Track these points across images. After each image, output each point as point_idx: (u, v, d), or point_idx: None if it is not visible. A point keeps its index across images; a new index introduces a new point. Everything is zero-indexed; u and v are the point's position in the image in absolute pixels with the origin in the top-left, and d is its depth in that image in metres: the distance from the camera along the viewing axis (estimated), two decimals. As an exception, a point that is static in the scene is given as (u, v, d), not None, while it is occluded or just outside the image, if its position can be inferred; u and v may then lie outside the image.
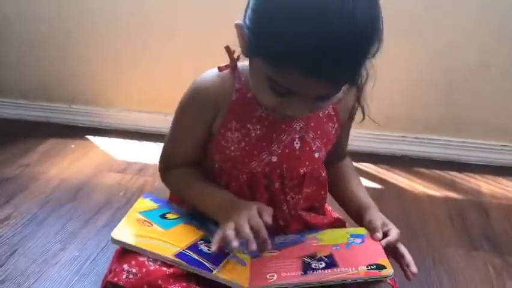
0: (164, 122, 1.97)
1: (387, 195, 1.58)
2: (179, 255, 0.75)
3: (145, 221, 0.83)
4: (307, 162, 0.86)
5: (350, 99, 0.85)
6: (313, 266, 0.77)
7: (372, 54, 0.68)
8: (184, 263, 0.74)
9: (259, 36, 0.67)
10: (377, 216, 0.86)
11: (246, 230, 0.74)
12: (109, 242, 1.23)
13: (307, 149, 0.85)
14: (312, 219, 0.91)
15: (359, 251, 0.81)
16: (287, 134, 0.83)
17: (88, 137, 1.95)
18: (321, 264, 0.77)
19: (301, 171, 0.86)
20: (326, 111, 0.86)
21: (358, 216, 0.89)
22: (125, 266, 0.73)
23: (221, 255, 0.78)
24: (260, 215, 0.77)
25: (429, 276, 1.18)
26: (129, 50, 1.94)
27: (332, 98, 0.73)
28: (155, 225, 0.82)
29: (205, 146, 0.87)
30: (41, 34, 1.98)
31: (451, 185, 1.66)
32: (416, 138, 1.85)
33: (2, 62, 2.06)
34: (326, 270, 0.76)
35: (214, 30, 0.81)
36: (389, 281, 0.78)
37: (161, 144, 0.92)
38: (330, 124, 0.87)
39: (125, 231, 0.78)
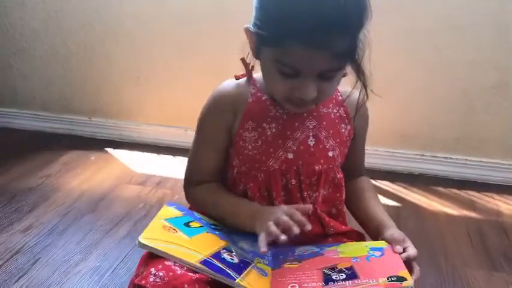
0: (183, 136, 2.01)
1: (405, 213, 1.57)
2: (204, 262, 0.76)
3: (170, 227, 0.84)
4: (322, 160, 0.88)
5: (355, 97, 0.88)
6: (334, 277, 0.78)
7: (364, 25, 0.74)
8: (208, 269, 0.75)
9: (263, 25, 0.75)
10: (398, 232, 0.88)
11: (284, 217, 0.78)
12: (130, 254, 1.26)
13: (321, 146, 0.88)
14: (329, 221, 0.91)
15: (378, 263, 0.81)
16: (301, 131, 0.87)
17: (107, 149, 1.98)
18: (341, 275, 0.77)
19: (317, 168, 0.88)
20: (338, 113, 0.90)
21: (377, 233, 0.90)
22: (153, 270, 0.74)
23: (243, 265, 0.79)
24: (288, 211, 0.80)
25: (449, 296, 1.17)
26: (150, 66, 1.97)
27: (335, 77, 0.78)
28: (180, 232, 0.83)
29: (226, 159, 0.92)
30: (66, 48, 2.03)
31: (470, 204, 1.65)
32: (434, 156, 1.85)
33: (26, 75, 2.11)
34: (346, 282, 0.76)
35: (232, 48, 0.84)
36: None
37: (181, 158, 0.95)
38: (343, 125, 0.91)
39: (152, 236, 0.80)
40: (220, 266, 0.77)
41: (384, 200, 1.65)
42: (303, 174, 0.88)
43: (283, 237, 0.76)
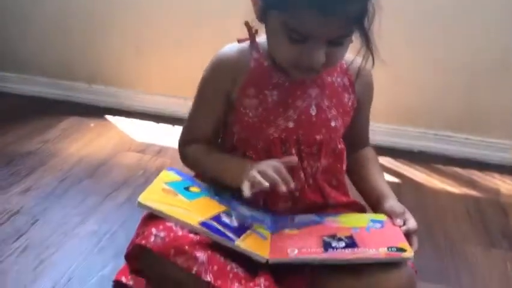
0: (183, 106, 1.97)
1: (405, 189, 1.57)
2: (203, 224, 0.76)
3: (170, 190, 0.84)
4: (323, 130, 0.87)
5: (358, 63, 0.86)
6: (333, 245, 0.77)
7: None
8: (207, 231, 0.74)
9: None
10: (398, 204, 0.87)
11: (269, 171, 0.78)
12: (129, 218, 1.25)
13: (323, 116, 0.87)
14: (330, 191, 0.91)
15: (378, 234, 0.81)
16: (303, 100, 0.86)
17: (107, 116, 1.96)
18: (341, 243, 0.77)
19: (318, 138, 0.87)
20: (341, 81, 0.88)
21: (377, 204, 0.89)
22: (154, 230, 0.74)
23: (243, 229, 0.79)
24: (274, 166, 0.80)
25: (446, 270, 1.18)
26: (151, 34, 1.94)
27: (344, 43, 0.77)
28: (179, 196, 0.83)
29: (222, 127, 0.91)
30: (66, 13, 1.99)
31: (470, 183, 1.65)
32: (436, 134, 1.84)
33: (25, 39, 2.08)
34: (346, 250, 0.76)
35: (234, 18, 0.82)
36: (410, 264, 0.77)
37: (180, 128, 0.94)
38: (346, 95, 0.89)
39: (152, 198, 0.79)
40: (220, 228, 0.76)
41: (385, 175, 1.64)
42: (304, 144, 0.86)
43: (266, 184, 0.76)
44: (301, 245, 0.78)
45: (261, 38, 0.86)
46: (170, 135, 1.81)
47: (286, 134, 0.86)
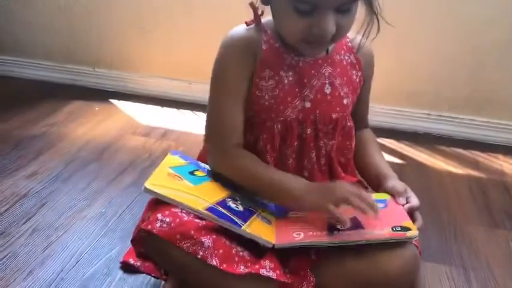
0: (188, 89, 2.00)
1: (409, 170, 1.57)
2: (210, 209, 0.77)
3: (175, 175, 0.84)
4: (338, 108, 0.88)
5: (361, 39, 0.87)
6: (338, 226, 0.78)
7: None
8: (214, 216, 0.75)
9: None
10: (399, 183, 0.88)
11: (354, 198, 0.76)
12: (135, 201, 1.27)
13: (336, 94, 0.87)
14: (340, 173, 0.92)
15: (382, 214, 0.81)
16: (317, 78, 0.86)
17: (111, 100, 1.97)
18: (346, 226, 0.78)
19: (334, 116, 0.87)
20: (349, 59, 0.89)
21: (378, 183, 0.90)
22: (159, 215, 0.75)
23: (248, 213, 0.80)
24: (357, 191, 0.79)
25: (450, 250, 1.18)
26: (155, 17, 1.93)
27: (351, 10, 0.76)
28: (185, 180, 0.83)
29: None
30: (68, -4, 1.99)
31: (474, 164, 1.65)
32: (440, 116, 1.84)
33: (29, 23, 2.07)
34: (350, 231, 0.77)
35: (242, 2, 0.81)
36: (414, 242, 0.78)
37: (184, 111, 0.91)
38: (354, 72, 0.90)
39: (158, 183, 0.80)
40: (226, 213, 0.77)
41: (388, 157, 1.65)
42: (320, 123, 0.87)
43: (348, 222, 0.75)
44: (306, 228, 0.79)
45: (266, 20, 0.86)
46: (174, 118, 1.82)
47: (303, 114, 0.86)
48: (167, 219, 0.75)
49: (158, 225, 0.74)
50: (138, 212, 1.19)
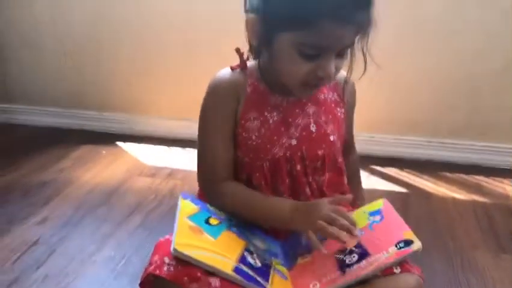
0: (192, 128, 2.01)
1: (414, 199, 1.59)
2: (236, 270, 0.78)
3: (195, 228, 0.85)
4: (324, 145, 0.90)
5: (343, 75, 0.90)
6: (347, 261, 0.79)
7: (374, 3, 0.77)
8: (242, 279, 0.76)
9: (282, 11, 0.75)
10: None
11: (332, 215, 0.78)
12: (143, 243, 1.29)
13: (322, 131, 0.90)
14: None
15: (382, 230, 0.83)
16: (302, 117, 0.89)
17: (118, 143, 2.01)
18: (354, 257, 0.79)
19: (320, 152, 0.90)
20: (333, 98, 0.92)
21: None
22: (166, 259, 0.76)
23: (266, 269, 0.81)
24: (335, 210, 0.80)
25: (457, 278, 1.19)
26: (159, 59, 2.00)
27: (347, 52, 0.80)
28: (205, 234, 0.84)
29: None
30: (74, 43, 2.06)
31: (477, 189, 1.66)
32: (441, 142, 1.86)
33: (37, 72, 2.15)
34: (361, 263, 0.78)
35: (239, 41, 0.85)
36: (417, 272, 0.79)
37: (190, 150, 0.94)
38: (338, 109, 0.93)
39: (184, 242, 0.79)
40: (250, 273, 0.78)
41: (392, 186, 1.67)
42: (308, 159, 0.89)
43: (344, 236, 0.77)
44: (320, 274, 0.79)
45: (251, 63, 0.89)
46: (180, 158, 1.85)
47: (290, 151, 0.88)
48: (174, 262, 0.76)
49: (165, 268, 0.76)
50: (146, 253, 1.20)
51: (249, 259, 0.81)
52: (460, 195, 1.62)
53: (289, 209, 0.84)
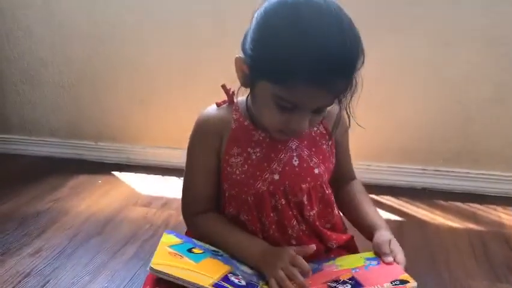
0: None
1: (409, 227, 1.58)
2: (216, 285, 0.78)
3: (175, 253, 0.86)
4: (308, 178, 0.91)
5: (334, 112, 0.91)
6: (339, 285, 0.79)
7: (358, 68, 0.78)
8: None
9: (265, 61, 0.77)
10: (384, 239, 0.88)
11: (290, 269, 0.80)
12: (137, 274, 1.28)
13: (305, 165, 0.91)
14: (331, 234, 0.94)
15: (378, 270, 0.82)
16: (284, 152, 0.90)
17: (114, 172, 2.02)
18: (346, 286, 0.79)
19: (304, 186, 0.90)
20: (318, 130, 0.94)
21: (370, 235, 0.92)
22: (157, 290, 0.77)
23: (251, 286, 0.81)
24: (293, 261, 0.82)
25: (453, 308, 1.18)
26: (154, 89, 2.02)
27: (325, 110, 0.83)
28: (185, 258, 0.85)
29: (219, 183, 0.93)
30: (72, 76, 2.09)
31: (472, 217, 1.66)
32: (436, 170, 1.87)
33: (35, 103, 2.18)
34: None
35: (234, 71, 0.88)
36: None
37: None
38: (324, 141, 0.94)
39: (162, 262, 0.81)
40: None
41: (387, 215, 1.67)
42: (291, 194, 0.90)
43: None
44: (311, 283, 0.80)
45: (239, 99, 0.92)
46: (175, 187, 1.86)
47: (273, 186, 0.89)
48: (165, 293, 0.77)
49: (156, 302, 0.76)
50: (140, 284, 1.20)
51: (233, 279, 0.81)
52: (455, 223, 1.62)
53: (257, 256, 0.86)
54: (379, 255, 0.86)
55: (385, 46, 1.71)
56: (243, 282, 0.81)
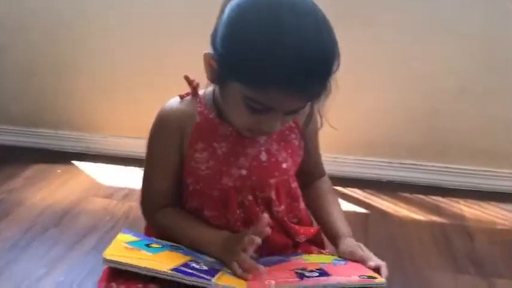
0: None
1: (373, 219, 1.59)
2: (175, 269, 0.75)
3: (132, 248, 0.83)
4: (276, 173, 0.89)
5: (306, 108, 0.88)
6: (307, 274, 0.78)
7: (334, 71, 0.76)
8: (181, 275, 0.73)
9: (237, 61, 0.73)
10: (353, 244, 0.89)
11: (248, 262, 0.78)
12: (95, 267, 1.23)
13: (273, 160, 0.88)
14: (299, 228, 0.92)
15: (346, 267, 0.83)
16: (252, 147, 0.87)
17: (74, 162, 1.95)
18: (314, 273, 0.78)
19: (271, 181, 0.88)
20: (288, 125, 0.91)
21: (334, 243, 0.93)
22: (114, 285, 0.73)
23: (214, 271, 0.79)
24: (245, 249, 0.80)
25: (416, 300, 1.19)
26: (117, 78, 1.96)
27: (298, 111, 0.81)
28: (143, 251, 0.82)
29: (180, 178, 0.90)
30: (32, 62, 2.01)
31: (435, 210, 1.68)
32: (401, 163, 1.88)
33: (-11, 89, 2.07)
34: (320, 277, 0.77)
35: (200, 62, 0.84)
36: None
37: None
38: (293, 136, 0.92)
39: (116, 253, 0.78)
40: (192, 272, 0.76)
41: (353, 207, 1.67)
42: (258, 189, 0.88)
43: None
44: (276, 276, 0.78)
45: (203, 91, 0.88)
46: (137, 178, 1.79)
47: (240, 182, 0.87)
48: (122, 287, 0.73)
49: (113, 294, 0.73)
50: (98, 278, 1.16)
51: (193, 265, 0.78)
52: (419, 215, 1.63)
53: (220, 240, 0.83)
54: (359, 261, 0.85)
55: (353, 38, 1.69)
56: (205, 268, 0.79)
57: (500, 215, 1.67)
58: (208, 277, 0.75)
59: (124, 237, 0.87)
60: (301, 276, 0.78)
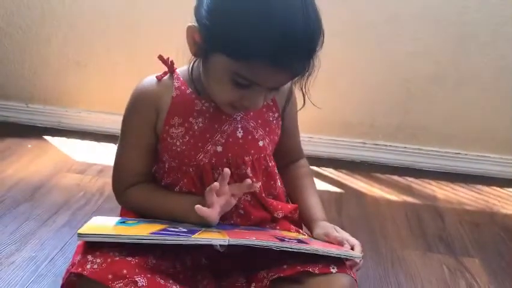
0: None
1: (347, 199, 1.61)
2: (154, 233, 0.75)
3: (107, 224, 0.82)
4: (252, 151, 0.89)
5: (285, 86, 0.88)
6: (287, 240, 0.80)
7: (319, 47, 0.77)
8: (161, 237, 0.73)
9: (223, 35, 0.73)
10: (328, 226, 0.91)
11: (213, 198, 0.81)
12: (68, 242, 1.21)
13: (249, 137, 0.89)
14: (277, 204, 0.93)
15: (323, 244, 0.85)
16: (228, 124, 0.87)
17: (46, 137, 1.90)
18: (292, 241, 0.80)
19: (247, 159, 0.88)
20: (265, 102, 0.90)
21: (309, 228, 0.94)
22: (89, 257, 0.73)
23: (193, 231, 0.79)
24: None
25: (387, 277, 1.21)
26: (92, 50, 1.91)
27: (280, 88, 0.81)
28: (119, 226, 0.81)
29: (154, 156, 0.90)
30: (1, 31, 1.93)
31: (408, 190, 1.71)
32: (375, 144, 1.91)
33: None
34: (299, 244, 0.78)
35: (175, 34, 0.82)
36: (352, 274, 0.80)
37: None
38: (271, 114, 0.92)
39: (92, 229, 0.77)
40: (171, 233, 0.76)
41: (327, 186, 1.69)
42: (234, 166, 0.88)
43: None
44: (258, 236, 0.79)
45: (180, 69, 0.88)
46: (111, 154, 1.76)
47: (216, 158, 0.87)
48: (98, 260, 0.73)
49: (88, 266, 0.72)
50: (71, 254, 1.13)
51: (171, 228, 0.78)
52: (392, 195, 1.66)
53: (197, 202, 0.82)
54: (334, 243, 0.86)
55: (329, 18, 1.68)
56: (184, 230, 0.79)
57: (470, 196, 1.72)
58: (189, 235, 0.75)
59: (96, 220, 0.86)
60: (281, 240, 0.79)
